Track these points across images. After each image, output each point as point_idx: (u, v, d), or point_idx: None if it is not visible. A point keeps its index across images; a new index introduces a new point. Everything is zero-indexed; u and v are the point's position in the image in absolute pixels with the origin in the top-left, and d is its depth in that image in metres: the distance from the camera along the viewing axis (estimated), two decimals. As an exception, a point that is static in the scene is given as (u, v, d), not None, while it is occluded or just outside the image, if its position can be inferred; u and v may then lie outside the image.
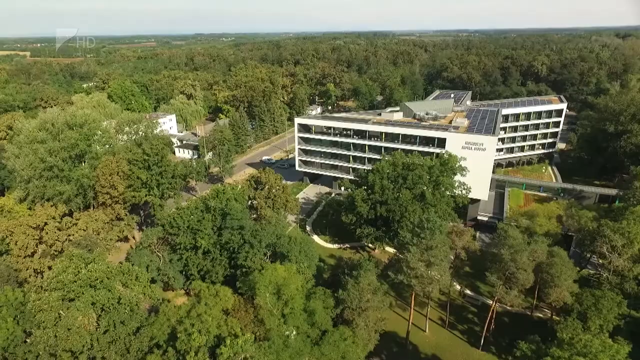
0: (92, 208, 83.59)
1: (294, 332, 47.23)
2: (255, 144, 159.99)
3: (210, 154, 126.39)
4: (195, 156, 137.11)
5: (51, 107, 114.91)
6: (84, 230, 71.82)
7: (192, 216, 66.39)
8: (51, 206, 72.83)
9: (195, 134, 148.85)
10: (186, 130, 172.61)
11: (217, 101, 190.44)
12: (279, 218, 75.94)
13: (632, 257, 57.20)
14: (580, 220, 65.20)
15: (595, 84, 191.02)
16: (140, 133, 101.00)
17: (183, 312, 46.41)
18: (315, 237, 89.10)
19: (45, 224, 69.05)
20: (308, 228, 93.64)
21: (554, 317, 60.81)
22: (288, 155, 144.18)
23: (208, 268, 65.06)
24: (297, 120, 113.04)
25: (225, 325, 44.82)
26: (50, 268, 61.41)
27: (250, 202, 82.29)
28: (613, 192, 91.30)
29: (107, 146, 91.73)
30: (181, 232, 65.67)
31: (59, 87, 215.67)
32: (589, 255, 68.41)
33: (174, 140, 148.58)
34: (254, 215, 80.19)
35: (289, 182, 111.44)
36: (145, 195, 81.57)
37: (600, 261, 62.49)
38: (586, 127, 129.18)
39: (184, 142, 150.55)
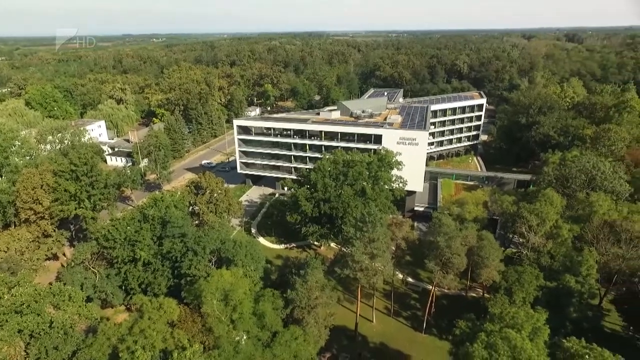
0: (13, 226, 76.14)
1: (244, 337, 47.04)
2: (193, 148, 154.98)
3: (145, 160, 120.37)
4: (130, 163, 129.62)
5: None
6: (4, 251, 65.62)
7: (128, 227, 63.17)
8: (-38, 228, 65.54)
9: (128, 140, 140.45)
10: (118, 136, 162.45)
11: (150, 105, 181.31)
12: (223, 222, 74.81)
13: (545, 234, 64.36)
14: (503, 205, 71.80)
15: (509, 80, 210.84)
16: (66, 142, 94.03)
17: (124, 329, 44.42)
18: (261, 239, 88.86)
19: (-44, 248, 62.02)
20: (253, 230, 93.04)
21: (485, 295, 66.50)
22: (229, 158, 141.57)
23: (150, 280, 62.47)
24: (236, 122, 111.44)
25: (171, 338, 43.61)
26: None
27: (191, 208, 79.98)
28: (528, 177, 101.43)
29: (28, 157, 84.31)
30: (118, 244, 62.29)
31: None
32: (511, 236, 75.55)
33: (105, 147, 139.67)
34: (196, 222, 78.19)
35: (231, 186, 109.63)
36: (75, 209, 76.02)
37: (521, 240, 69.40)
38: (503, 120, 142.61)
39: (116, 149, 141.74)
